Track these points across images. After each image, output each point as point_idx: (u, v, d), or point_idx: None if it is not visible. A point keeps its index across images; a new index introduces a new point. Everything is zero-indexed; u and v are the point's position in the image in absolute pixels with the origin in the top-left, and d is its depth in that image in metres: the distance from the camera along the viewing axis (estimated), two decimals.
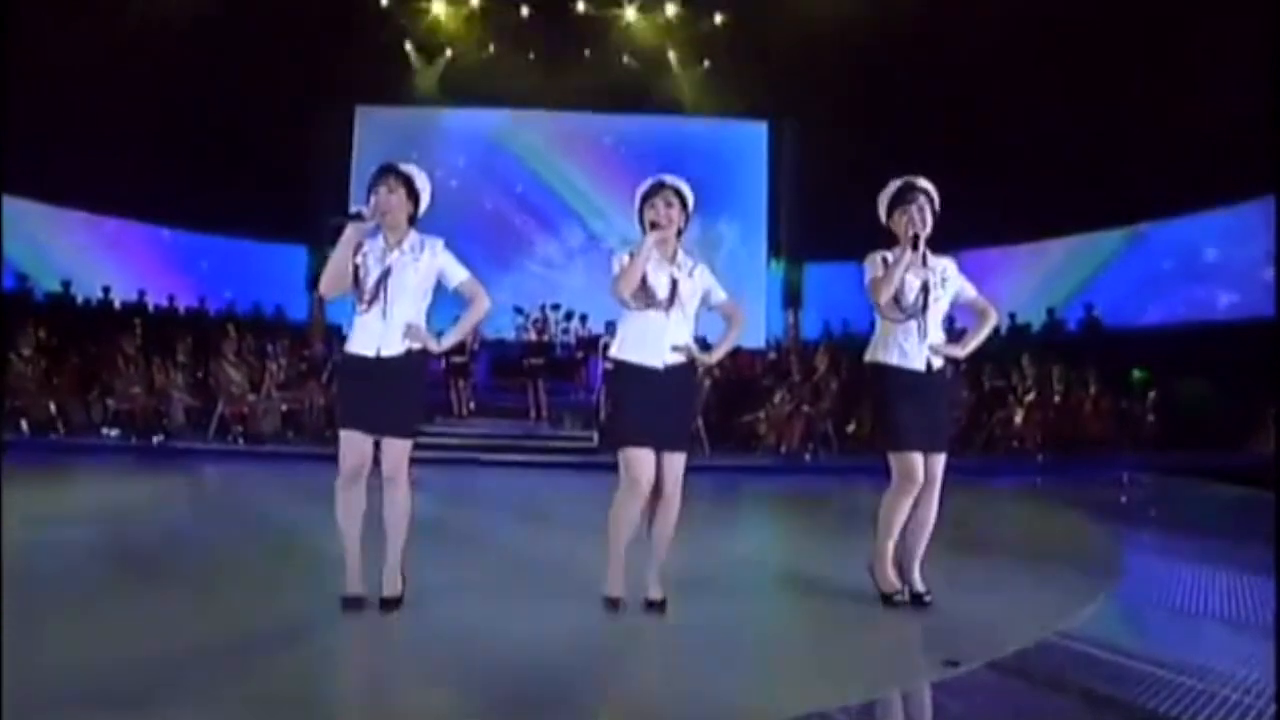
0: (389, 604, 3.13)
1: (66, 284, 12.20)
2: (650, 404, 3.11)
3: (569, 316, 11.98)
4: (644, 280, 3.12)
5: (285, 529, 5.05)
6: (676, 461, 3.20)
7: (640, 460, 3.12)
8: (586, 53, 14.85)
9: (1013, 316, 12.99)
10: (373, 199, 3.11)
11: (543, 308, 11.93)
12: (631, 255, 3.16)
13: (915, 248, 3.25)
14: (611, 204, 15.65)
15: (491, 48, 14.75)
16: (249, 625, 3.00)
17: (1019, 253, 13.56)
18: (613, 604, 3.22)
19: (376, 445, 3.14)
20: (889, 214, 3.36)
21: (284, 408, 9.66)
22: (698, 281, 3.23)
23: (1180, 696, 2.43)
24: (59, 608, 3.14)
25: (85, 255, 13.12)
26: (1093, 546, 4.91)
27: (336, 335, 13.18)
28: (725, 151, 15.68)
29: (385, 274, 3.09)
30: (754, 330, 14.85)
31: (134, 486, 6.85)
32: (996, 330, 13.21)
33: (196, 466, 8.22)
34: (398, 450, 3.13)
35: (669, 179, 3.22)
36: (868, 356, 3.42)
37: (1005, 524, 6.04)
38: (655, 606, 3.22)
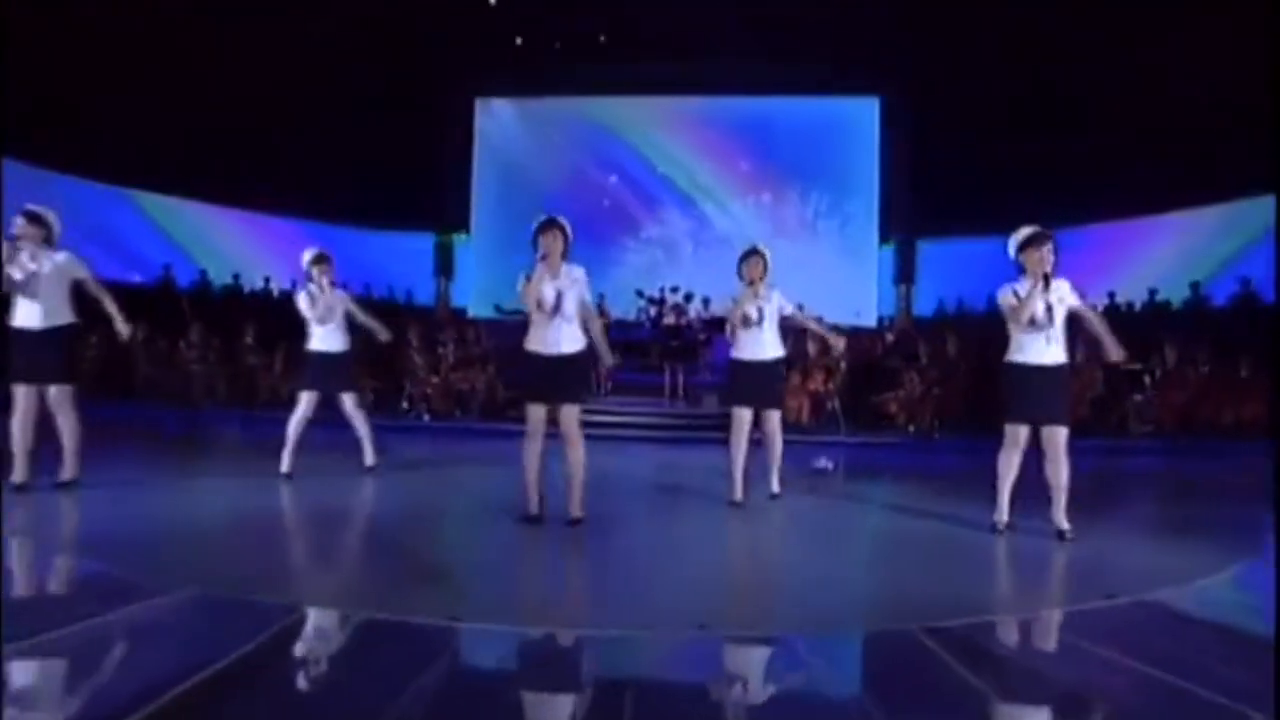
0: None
1: (235, 276, 13.57)
2: (543, 377, 4.29)
3: (689, 299, 12.02)
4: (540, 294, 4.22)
5: None
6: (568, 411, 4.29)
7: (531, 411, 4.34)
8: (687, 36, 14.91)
9: (1152, 293, 12.32)
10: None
11: (662, 290, 12.14)
12: (528, 277, 4.24)
13: (1046, 286, 4.20)
14: (722, 185, 15.77)
15: (600, 38, 15.05)
16: None
17: (1159, 224, 12.73)
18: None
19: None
20: (1019, 252, 4.27)
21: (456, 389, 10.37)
22: (575, 288, 4.26)
23: None
24: None
25: (243, 249, 14.41)
26: (1222, 533, 4.79)
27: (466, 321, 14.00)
28: (837, 129, 15.52)
29: None
30: (866, 310, 14.69)
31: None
32: (1131, 307, 12.32)
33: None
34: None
35: (556, 219, 4.26)
36: (1007, 357, 4.37)
37: (1134, 506, 5.89)
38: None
